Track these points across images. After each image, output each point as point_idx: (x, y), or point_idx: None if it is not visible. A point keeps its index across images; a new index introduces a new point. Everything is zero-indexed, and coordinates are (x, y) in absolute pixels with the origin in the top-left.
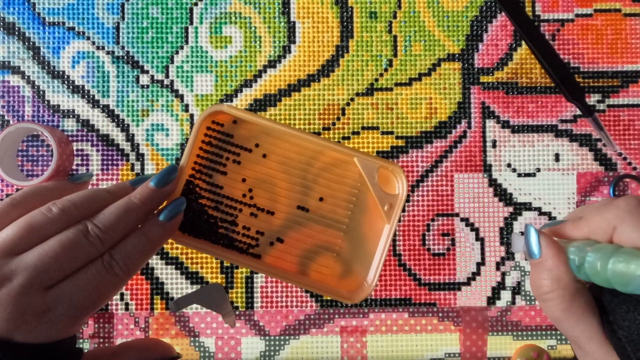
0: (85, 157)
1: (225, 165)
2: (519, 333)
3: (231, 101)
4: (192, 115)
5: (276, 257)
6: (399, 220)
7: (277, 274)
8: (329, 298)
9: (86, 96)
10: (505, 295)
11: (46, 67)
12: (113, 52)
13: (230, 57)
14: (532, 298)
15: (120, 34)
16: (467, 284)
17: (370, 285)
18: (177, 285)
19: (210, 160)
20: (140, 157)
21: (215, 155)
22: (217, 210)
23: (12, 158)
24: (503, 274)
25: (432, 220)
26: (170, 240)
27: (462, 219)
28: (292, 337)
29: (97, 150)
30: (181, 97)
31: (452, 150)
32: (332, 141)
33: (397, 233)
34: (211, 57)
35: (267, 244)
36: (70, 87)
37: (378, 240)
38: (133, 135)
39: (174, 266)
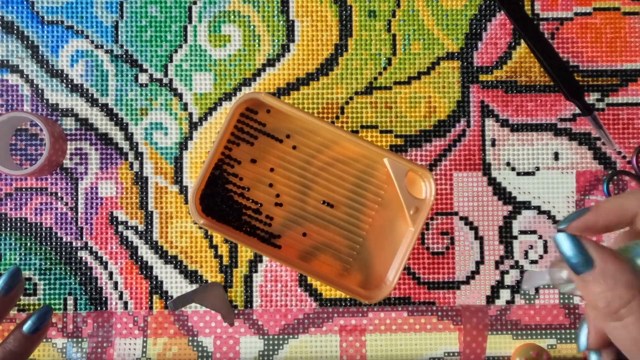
0: (83, 156)
1: (255, 153)
2: (519, 332)
3: (230, 100)
4: (190, 114)
5: (295, 249)
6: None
7: (299, 266)
8: (348, 296)
9: (85, 95)
10: (505, 294)
11: (45, 66)
12: (112, 50)
13: (229, 55)
14: (532, 297)
15: (119, 32)
16: (467, 282)
17: (389, 286)
18: (176, 284)
19: (240, 147)
20: (139, 155)
21: (246, 143)
22: (242, 197)
23: (4, 147)
24: (502, 273)
25: (431, 219)
26: (169, 239)
27: (461, 218)
28: (291, 336)
29: (96, 149)
30: (180, 96)
31: (451, 149)
32: (365, 139)
33: None
34: (210, 55)
35: (288, 235)
36: (69, 85)
37: (399, 243)
38: (132, 134)
39: (172, 265)
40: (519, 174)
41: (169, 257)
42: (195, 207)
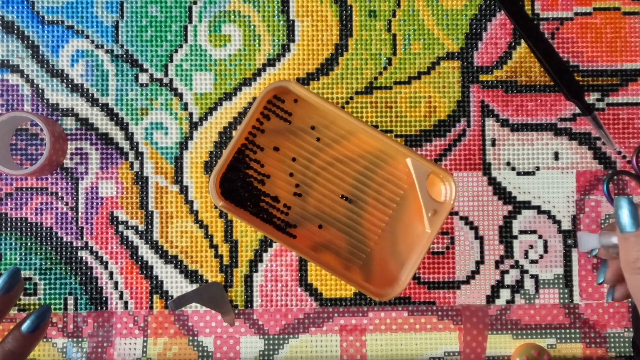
0: (84, 156)
1: (278, 141)
2: (519, 332)
3: (230, 100)
4: (191, 114)
5: (310, 241)
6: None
7: (312, 257)
8: (358, 291)
9: (85, 95)
10: (505, 294)
11: (45, 66)
12: (112, 50)
13: (230, 55)
14: (532, 296)
15: (120, 32)
16: (467, 282)
17: (401, 285)
18: (176, 284)
19: (265, 133)
20: (139, 155)
21: (271, 130)
22: (262, 184)
23: (5, 147)
24: (502, 273)
25: None
26: (169, 238)
27: (461, 218)
28: (292, 336)
29: (96, 149)
30: (180, 96)
31: (451, 148)
32: (391, 138)
33: None
34: (210, 55)
35: (304, 226)
36: (70, 85)
37: (414, 243)
38: (132, 133)
39: (173, 265)
40: (519, 173)
41: (169, 257)
42: (215, 189)
